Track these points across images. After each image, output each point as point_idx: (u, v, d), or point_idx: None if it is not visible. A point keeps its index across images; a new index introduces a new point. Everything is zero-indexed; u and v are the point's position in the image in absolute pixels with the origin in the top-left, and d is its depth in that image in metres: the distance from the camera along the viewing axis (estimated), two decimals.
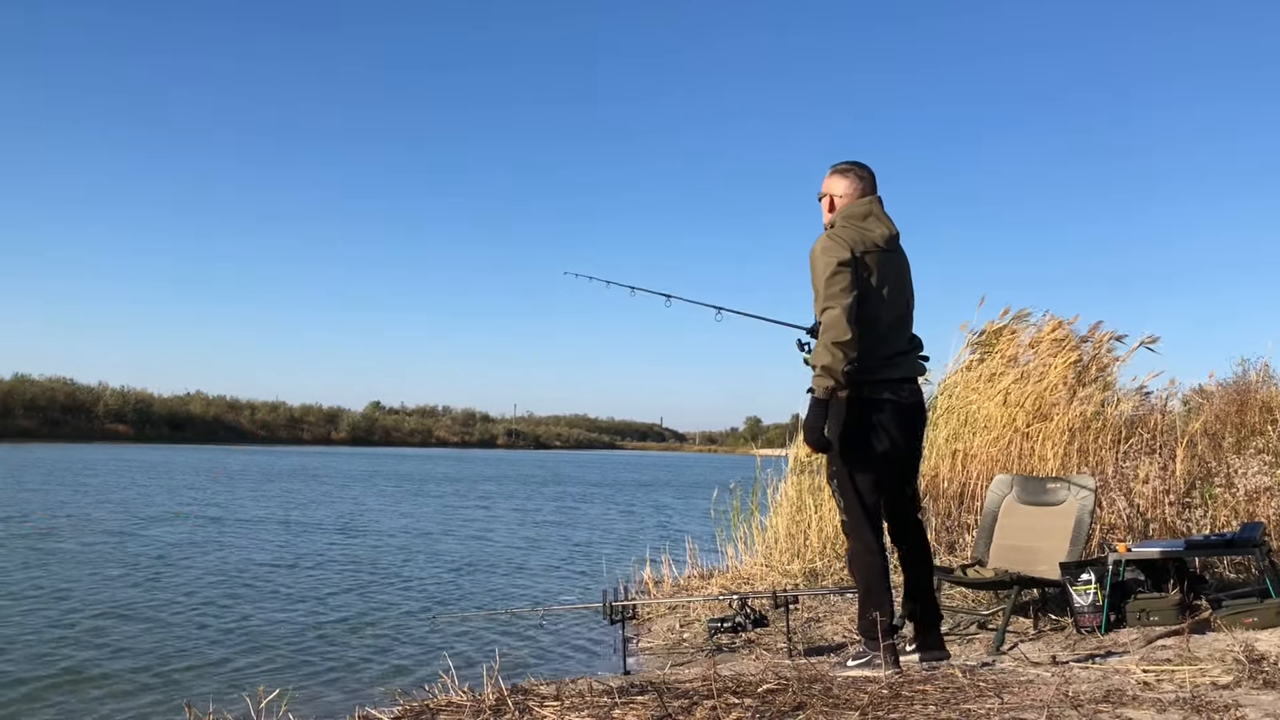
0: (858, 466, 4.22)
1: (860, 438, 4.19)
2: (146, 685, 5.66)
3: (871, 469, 4.23)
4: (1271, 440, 7.95)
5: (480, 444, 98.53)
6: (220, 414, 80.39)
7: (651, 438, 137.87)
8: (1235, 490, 7.14)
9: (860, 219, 4.24)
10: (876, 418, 4.19)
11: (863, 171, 4.37)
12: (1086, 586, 5.25)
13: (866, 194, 4.33)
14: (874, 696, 3.46)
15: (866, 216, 4.25)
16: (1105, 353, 8.80)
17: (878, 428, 4.19)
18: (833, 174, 4.41)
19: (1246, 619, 5.06)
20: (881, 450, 4.22)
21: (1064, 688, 3.70)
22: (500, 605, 8.28)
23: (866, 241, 4.17)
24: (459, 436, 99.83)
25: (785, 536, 8.31)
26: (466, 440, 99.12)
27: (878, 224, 4.24)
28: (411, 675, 5.80)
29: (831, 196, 4.38)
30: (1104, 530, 7.05)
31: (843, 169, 4.40)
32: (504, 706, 3.35)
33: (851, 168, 4.39)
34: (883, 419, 4.20)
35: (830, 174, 4.42)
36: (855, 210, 4.27)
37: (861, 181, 4.35)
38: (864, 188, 4.34)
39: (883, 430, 4.20)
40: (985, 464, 7.92)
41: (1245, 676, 3.81)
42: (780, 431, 12.12)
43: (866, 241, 4.17)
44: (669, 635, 6.39)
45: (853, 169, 4.38)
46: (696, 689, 3.58)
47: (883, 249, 4.20)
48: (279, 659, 6.33)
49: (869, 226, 4.23)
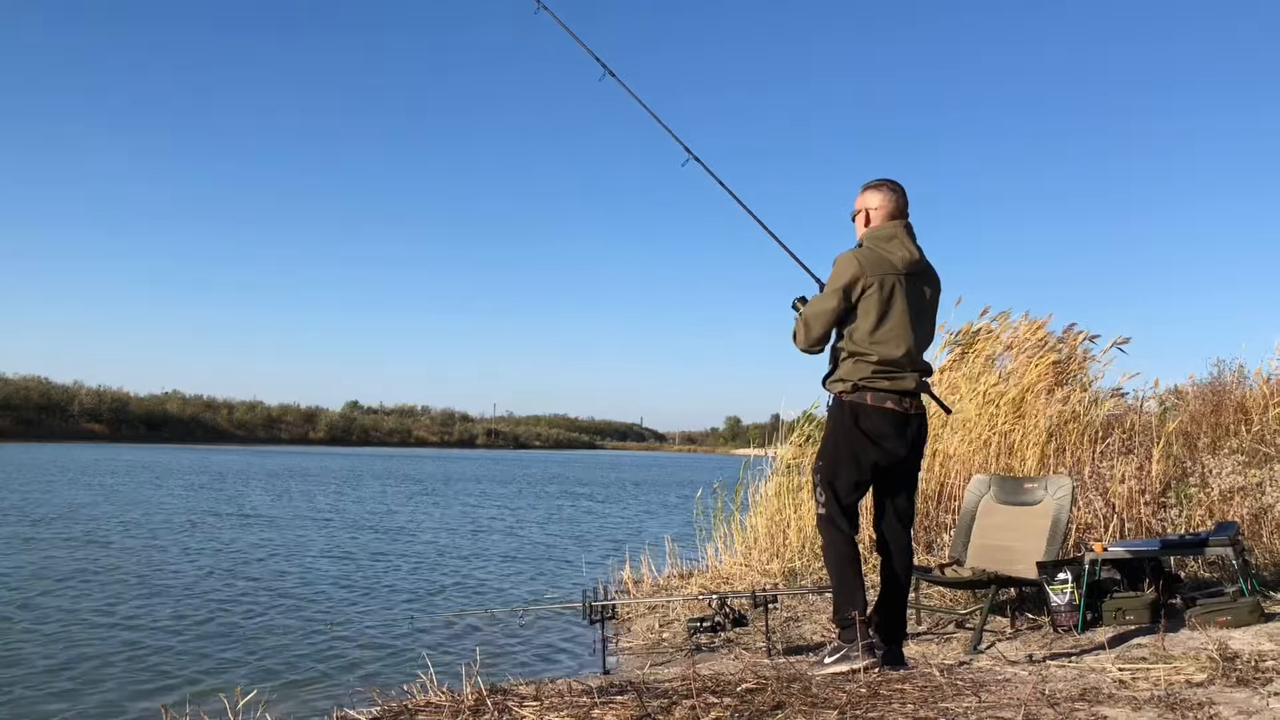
0: (842, 465, 4.29)
1: (853, 438, 4.28)
2: (121, 684, 5.63)
3: (856, 471, 4.30)
4: (1245, 441, 8.02)
5: (460, 444, 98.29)
6: (198, 413, 79.93)
7: (631, 437, 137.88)
8: (1210, 490, 7.21)
9: (884, 241, 4.36)
10: (875, 422, 4.28)
11: (895, 186, 4.47)
12: (1063, 586, 5.29)
13: (897, 212, 4.43)
14: (852, 695, 3.47)
15: (890, 239, 4.36)
16: (1082, 353, 8.87)
17: (873, 432, 4.28)
18: (866, 190, 4.50)
19: (1220, 618, 5.11)
20: (872, 454, 4.29)
21: (1040, 686, 3.73)
22: (480, 605, 8.26)
23: (885, 264, 4.29)
24: (438, 436, 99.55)
25: (765, 536, 8.33)
26: (446, 440, 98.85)
27: (900, 248, 4.34)
28: (390, 676, 5.78)
29: (867, 211, 4.47)
30: (1081, 530, 7.09)
31: (875, 184, 4.49)
32: (483, 707, 3.34)
33: (884, 183, 4.48)
34: (881, 425, 4.28)
35: (864, 190, 4.51)
36: (881, 233, 4.39)
37: (894, 195, 4.44)
38: (895, 203, 4.44)
39: (879, 435, 4.28)
40: (963, 464, 7.96)
41: (1219, 674, 3.85)
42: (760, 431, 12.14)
43: (885, 264, 4.29)
44: (649, 635, 6.39)
45: (885, 184, 4.48)
46: (676, 688, 3.59)
47: (901, 272, 4.31)
48: (256, 660, 6.30)
49: (890, 249, 4.33)
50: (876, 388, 4.28)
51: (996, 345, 8.81)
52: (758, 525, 8.49)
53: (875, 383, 4.27)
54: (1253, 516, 6.84)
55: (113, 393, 74.30)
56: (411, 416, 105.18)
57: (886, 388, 4.28)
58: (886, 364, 4.27)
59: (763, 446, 9.87)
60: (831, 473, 4.30)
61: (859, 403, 4.28)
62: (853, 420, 4.28)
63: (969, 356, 8.78)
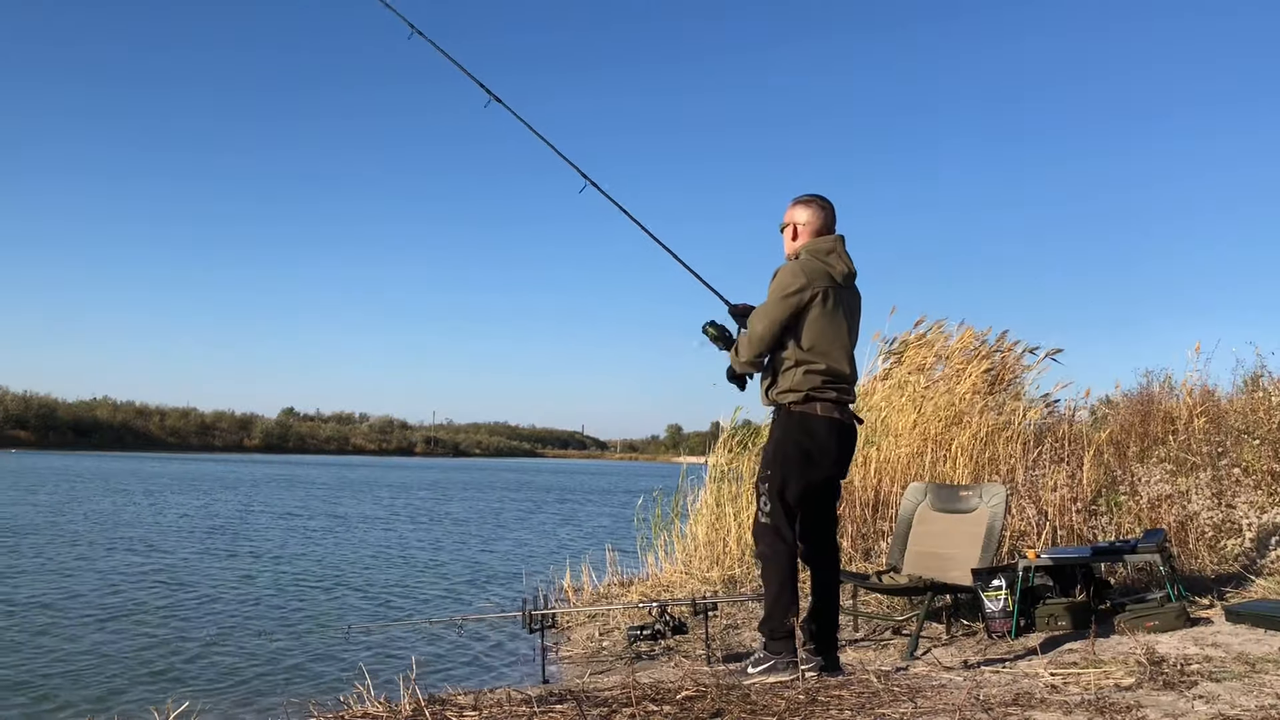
0: (791, 474, 4.32)
1: (803, 449, 4.32)
2: (43, 700, 5.48)
3: (805, 481, 4.35)
4: (1173, 450, 8.21)
5: (398, 451, 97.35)
6: (128, 420, 78.27)
7: (573, 445, 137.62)
8: (1139, 498, 7.37)
9: (825, 254, 4.42)
10: (822, 433, 4.33)
11: (825, 203, 4.54)
12: (997, 593, 5.37)
13: (828, 227, 4.51)
14: (790, 702, 3.50)
15: (830, 252, 4.43)
16: (1015, 362, 9.02)
17: (820, 443, 4.33)
18: (796, 204, 4.56)
19: (1148, 622, 5.23)
20: (818, 464, 4.36)
21: (975, 691, 3.79)
22: (418, 614, 8.18)
23: (827, 276, 4.36)
24: (376, 444, 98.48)
25: (705, 544, 8.35)
26: (384, 448, 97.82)
27: (839, 261, 4.42)
28: (326, 686, 5.70)
29: (795, 225, 4.52)
30: (1014, 537, 7.21)
31: (805, 200, 4.55)
32: (421, 717, 3.31)
33: (814, 199, 4.55)
34: (829, 435, 4.35)
35: (793, 204, 4.56)
36: (821, 246, 4.44)
37: (823, 212, 4.51)
38: (826, 219, 4.51)
39: (825, 446, 4.34)
40: (899, 471, 8.05)
41: (1146, 678, 3.94)
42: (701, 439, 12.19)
43: (827, 276, 4.36)
44: (589, 643, 6.37)
45: (815, 200, 4.54)
46: (615, 697, 3.58)
47: (840, 285, 4.39)
48: (187, 671, 6.18)
49: (831, 262, 4.40)
50: (825, 398, 4.33)
51: (930, 354, 8.93)
52: (698, 533, 8.51)
53: (824, 393, 4.33)
54: (1179, 524, 7.00)
55: (39, 398, 72.50)
56: (349, 424, 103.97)
57: (834, 398, 4.35)
58: (833, 375, 4.34)
59: (703, 454, 9.91)
60: (780, 482, 4.33)
61: (809, 413, 4.32)
62: (802, 430, 4.32)
63: (904, 365, 8.89)
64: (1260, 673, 4.11)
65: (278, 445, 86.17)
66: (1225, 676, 4.02)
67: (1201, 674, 4.04)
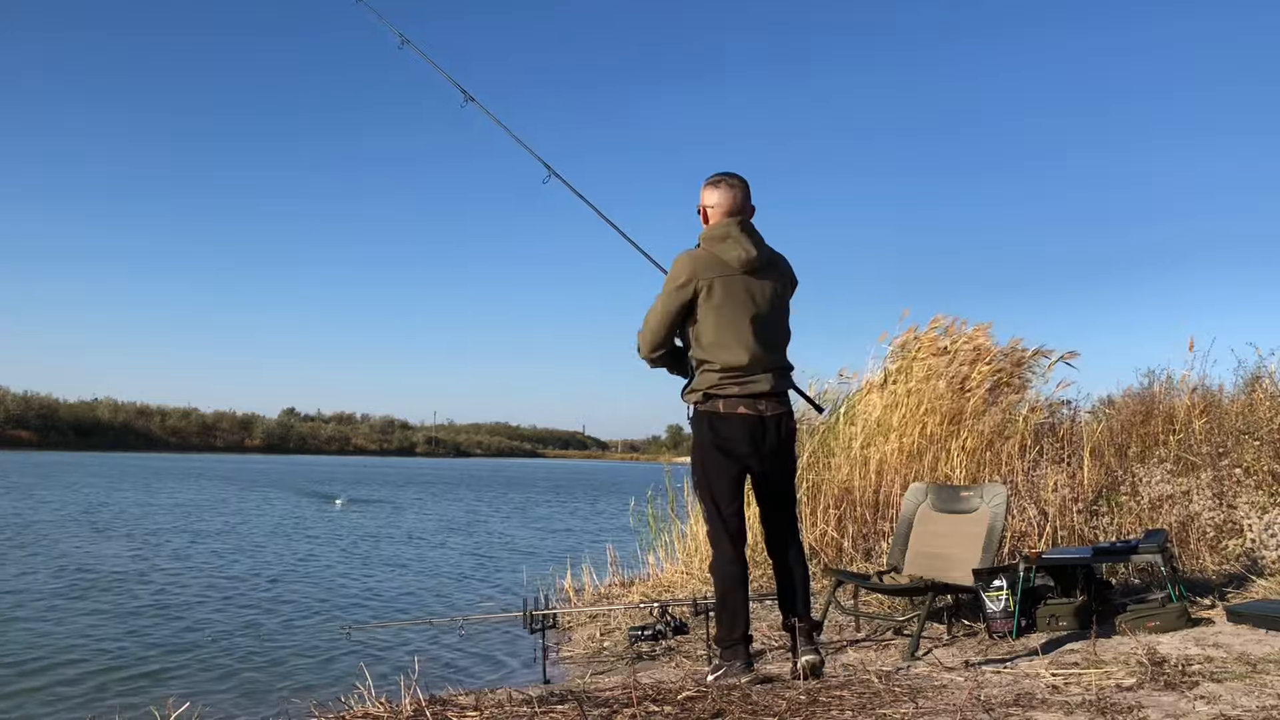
0: (713, 476, 4.25)
1: (713, 449, 4.23)
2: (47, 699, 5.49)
3: (726, 479, 4.24)
4: (1173, 450, 8.21)
5: (399, 452, 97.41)
6: (130, 420, 78.28)
7: (573, 446, 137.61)
8: (1140, 498, 7.37)
9: (718, 241, 4.23)
10: (728, 431, 4.20)
11: (734, 181, 4.33)
12: (999, 593, 5.36)
13: (735, 209, 4.29)
14: (791, 702, 3.50)
15: (724, 239, 4.22)
16: (1017, 363, 9.01)
17: (729, 440, 4.21)
18: (705, 186, 4.36)
19: (1149, 623, 5.22)
20: (735, 459, 4.23)
21: (976, 692, 3.79)
22: (420, 614, 8.18)
23: (719, 265, 4.18)
24: (377, 444, 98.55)
25: (705, 544, 8.33)
26: (385, 448, 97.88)
27: (734, 247, 4.20)
28: (328, 686, 5.70)
29: (705, 209, 4.35)
30: (1015, 537, 7.21)
31: (714, 180, 4.34)
32: (422, 717, 3.31)
33: (722, 179, 4.33)
34: (735, 433, 4.20)
35: (704, 186, 4.37)
36: (714, 233, 4.25)
37: (732, 191, 4.29)
38: (734, 199, 4.29)
39: (736, 443, 4.21)
40: (900, 472, 8.05)
41: (1148, 679, 3.94)
42: None
43: (719, 265, 4.18)
44: (589, 644, 6.38)
45: (723, 180, 4.33)
46: (616, 697, 3.58)
47: (738, 272, 4.19)
48: (188, 671, 6.18)
49: (724, 250, 4.20)
50: (727, 394, 4.18)
51: (937, 355, 8.91)
52: (699, 533, 8.50)
53: (725, 389, 4.18)
54: (1180, 524, 7.00)
55: (40, 398, 72.51)
56: (350, 424, 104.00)
57: (737, 393, 4.18)
58: (732, 369, 4.17)
59: None
60: (707, 485, 4.25)
61: (713, 411, 4.20)
62: (710, 429, 4.21)
63: (909, 366, 8.88)
64: (1262, 673, 4.11)
65: (279, 445, 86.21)
66: (1227, 677, 4.02)
67: (1203, 674, 4.04)
